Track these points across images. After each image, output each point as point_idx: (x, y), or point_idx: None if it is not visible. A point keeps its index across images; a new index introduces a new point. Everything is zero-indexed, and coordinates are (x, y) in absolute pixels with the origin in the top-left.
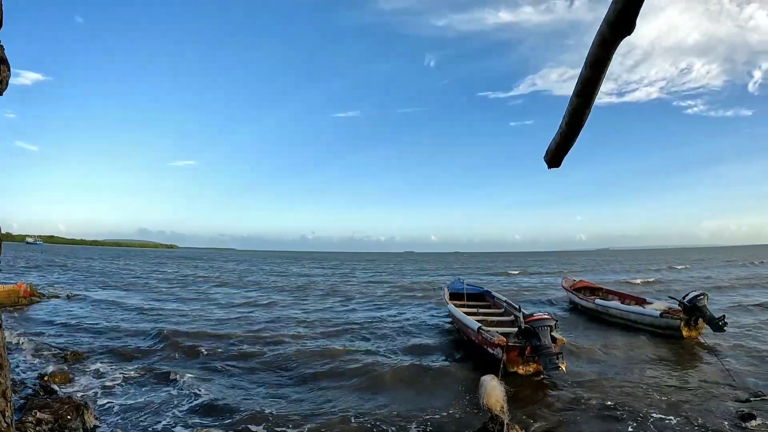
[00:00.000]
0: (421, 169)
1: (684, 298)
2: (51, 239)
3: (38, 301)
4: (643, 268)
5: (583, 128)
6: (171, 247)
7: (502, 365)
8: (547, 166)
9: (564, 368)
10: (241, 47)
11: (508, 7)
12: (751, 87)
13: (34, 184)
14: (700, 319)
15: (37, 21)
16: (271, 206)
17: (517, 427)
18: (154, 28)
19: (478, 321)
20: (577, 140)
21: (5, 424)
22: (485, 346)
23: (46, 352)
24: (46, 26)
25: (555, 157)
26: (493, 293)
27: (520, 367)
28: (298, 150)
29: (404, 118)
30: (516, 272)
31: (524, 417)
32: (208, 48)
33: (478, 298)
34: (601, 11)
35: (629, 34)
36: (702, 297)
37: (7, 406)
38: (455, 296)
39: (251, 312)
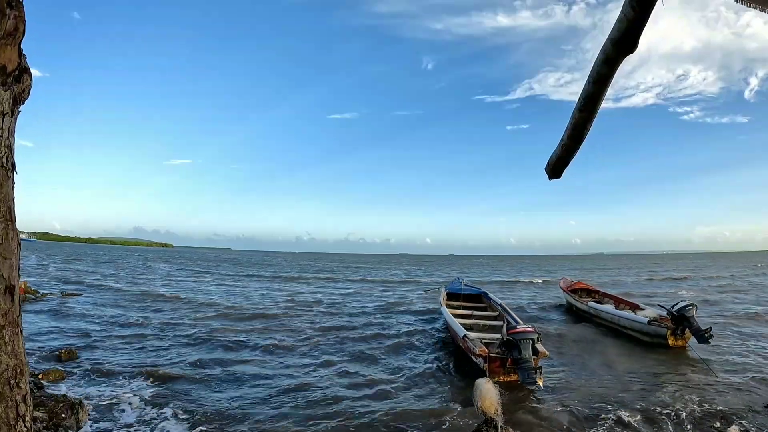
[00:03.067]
0: (417, 172)
1: (673, 307)
2: (46, 236)
3: (32, 299)
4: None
5: (584, 141)
6: (166, 245)
7: (486, 374)
8: (548, 177)
9: (541, 383)
10: (239, 47)
11: (506, 11)
12: (747, 94)
13: (29, 181)
14: (687, 330)
15: (33, 17)
16: (267, 207)
17: (510, 429)
18: (152, 27)
19: (471, 324)
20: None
21: (25, 429)
22: (469, 354)
23: (40, 351)
24: (42, 22)
25: (556, 168)
26: (490, 295)
27: (501, 377)
28: (294, 151)
29: (400, 120)
30: (538, 280)
31: (518, 419)
32: (205, 48)
33: (475, 299)
34: (599, 17)
35: (632, 53)
36: (691, 307)
37: (27, 410)
38: (452, 296)
39: (245, 313)
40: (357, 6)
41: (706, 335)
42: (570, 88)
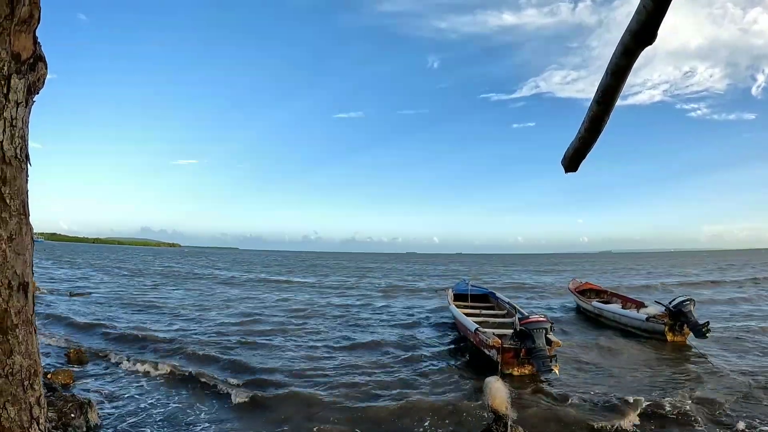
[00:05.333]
0: (423, 171)
1: (671, 303)
2: (53, 237)
3: (39, 298)
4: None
5: (601, 134)
6: (174, 245)
7: (499, 366)
8: (564, 170)
9: (557, 371)
10: (244, 47)
11: (511, 9)
12: (754, 90)
13: (37, 182)
14: (685, 325)
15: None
16: (273, 206)
17: (520, 428)
18: (158, 27)
19: (480, 322)
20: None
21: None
22: (482, 347)
23: (48, 350)
24: (49, 24)
25: (573, 161)
26: (497, 295)
27: (515, 368)
28: (299, 150)
29: (406, 119)
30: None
31: (527, 418)
32: (211, 48)
33: (482, 299)
34: (604, 14)
35: (651, 44)
36: (688, 302)
37: (41, 413)
38: (459, 297)
39: (251, 308)
40: (361, 6)
41: (703, 330)
42: (576, 86)
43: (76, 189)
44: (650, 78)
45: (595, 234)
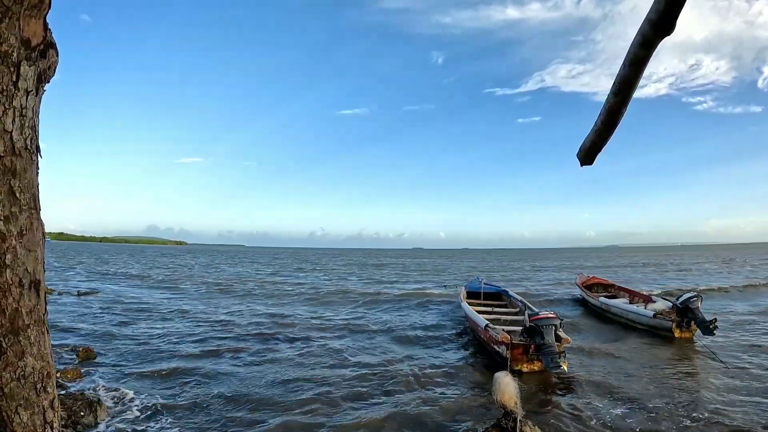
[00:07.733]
0: (429, 167)
1: (678, 299)
2: (60, 236)
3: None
4: None
5: (618, 126)
6: (180, 243)
7: (508, 362)
8: (579, 164)
9: (565, 367)
10: (249, 45)
11: (515, 3)
12: (760, 83)
13: (43, 182)
14: (692, 322)
15: None
16: (279, 203)
17: (529, 423)
18: (162, 27)
19: (492, 319)
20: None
21: None
22: (491, 344)
23: (57, 349)
24: (52, 24)
25: (589, 154)
26: (510, 292)
27: (525, 365)
28: (304, 147)
29: (411, 115)
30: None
31: (536, 413)
32: (216, 46)
33: (495, 297)
34: (609, 8)
35: (669, 34)
36: (695, 299)
37: (55, 416)
38: (472, 295)
39: (259, 309)
40: (365, 3)
41: (710, 326)
42: (582, 80)
43: (83, 189)
44: (656, 71)
45: (602, 228)
